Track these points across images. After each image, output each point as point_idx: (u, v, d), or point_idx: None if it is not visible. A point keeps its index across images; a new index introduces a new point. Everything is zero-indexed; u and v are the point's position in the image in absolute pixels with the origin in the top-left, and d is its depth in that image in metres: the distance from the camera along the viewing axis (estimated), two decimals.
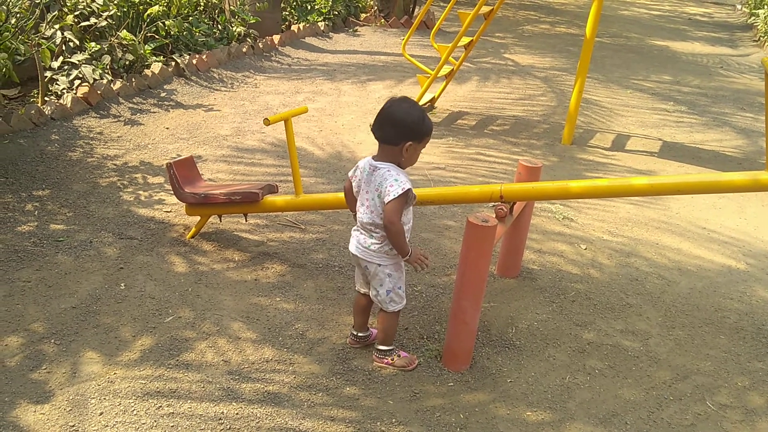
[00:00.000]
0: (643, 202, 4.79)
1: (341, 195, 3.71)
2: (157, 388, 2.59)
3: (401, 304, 2.75)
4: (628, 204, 4.72)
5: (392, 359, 2.82)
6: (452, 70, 6.59)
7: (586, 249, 4.01)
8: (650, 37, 12.01)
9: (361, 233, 2.67)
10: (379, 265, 2.66)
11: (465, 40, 6.25)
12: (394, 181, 2.49)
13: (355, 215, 2.74)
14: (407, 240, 2.59)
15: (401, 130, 2.51)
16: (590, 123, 6.60)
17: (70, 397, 2.50)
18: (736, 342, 3.22)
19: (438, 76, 6.13)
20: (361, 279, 2.82)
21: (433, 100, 6.68)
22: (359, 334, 2.92)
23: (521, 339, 3.09)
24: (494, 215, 2.81)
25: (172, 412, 2.47)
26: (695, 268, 3.92)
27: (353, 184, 2.70)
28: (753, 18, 13.69)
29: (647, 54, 10.43)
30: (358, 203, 2.67)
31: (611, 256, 3.95)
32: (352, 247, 2.71)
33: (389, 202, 2.48)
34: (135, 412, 2.45)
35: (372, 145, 5.47)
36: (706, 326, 3.34)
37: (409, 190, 2.50)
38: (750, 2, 14.71)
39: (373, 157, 2.61)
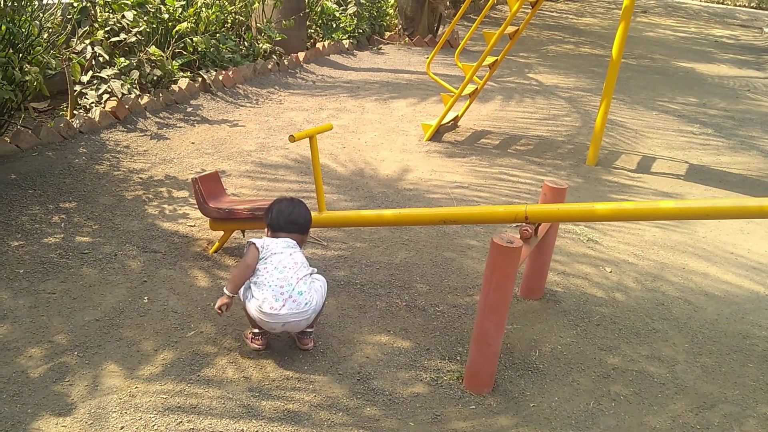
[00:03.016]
0: (669, 225, 4.72)
1: (363, 212, 3.71)
2: (178, 403, 2.58)
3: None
4: (654, 227, 4.66)
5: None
6: (476, 89, 6.59)
7: (611, 272, 3.96)
8: (676, 58, 11.94)
9: (292, 300, 2.79)
10: (318, 312, 2.93)
11: (490, 59, 6.25)
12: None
13: (235, 293, 2.87)
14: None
15: (306, 225, 3.11)
16: (615, 144, 6.55)
17: (92, 410, 2.51)
18: (765, 370, 3.15)
19: (462, 94, 6.13)
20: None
21: (456, 119, 6.68)
22: (264, 331, 2.96)
23: (545, 362, 3.05)
24: (519, 236, 2.78)
25: (193, 428, 2.46)
26: (722, 294, 3.85)
27: (261, 252, 2.90)
28: None
29: (673, 76, 10.36)
30: (276, 265, 2.83)
31: (637, 280, 3.90)
32: (290, 317, 2.79)
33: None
34: (155, 427, 2.45)
35: (394, 162, 5.47)
36: (733, 353, 3.27)
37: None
38: None
39: None
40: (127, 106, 5.71)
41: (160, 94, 6.13)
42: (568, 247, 4.22)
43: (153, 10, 6.45)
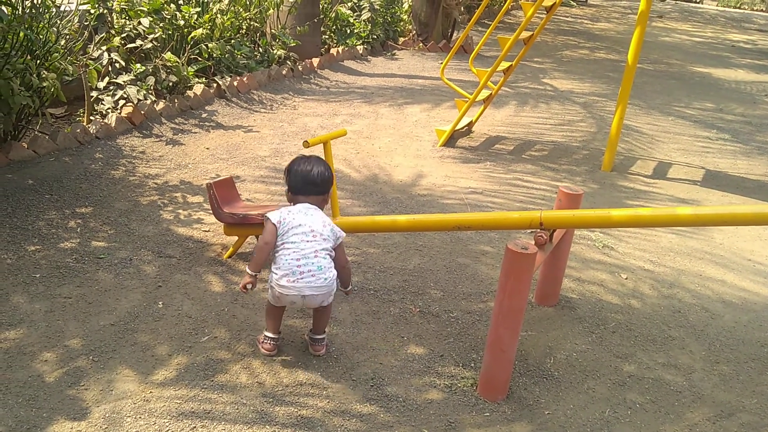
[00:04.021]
0: (685, 231, 4.68)
1: (377, 218, 3.71)
2: (192, 408, 2.59)
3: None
4: (670, 233, 4.62)
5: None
6: (490, 94, 6.57)
7: (626, 278, 3.93)
8: (692, 63, 11.85)
9: (308, 271, 2.77)
10: (332, 294, 2.87)
11: (504, 64, 6.24)
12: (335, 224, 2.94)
13: (258, 272, 2.87)
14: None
15: (327, 184, 3.01)
16: (631, 150, 6.51)
17: (106, 415, 2.52)
18: None
19: (476, 100, 6.12)
20: (293, 307, 3.06)
21: (470, 125, 6.67)
22: (276, 337, 2.97)
23: (559, 370, 3.02)
24: (534, 242, 2.77)
25: None
26: (740, 301, 3.81)
27: (279, 228, 2.84)
28: None
29: (689, 81, 10.29)
30: (293, 238, 2.80)
31: (653, 287, 3.86)
32: (307, 290, 2.78)
33: (341, 243, 2.93)
34: None
35: (408, 168, 5.47)
36: (751, 362, 3.23)
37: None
38: None
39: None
40: (142, 112, 5.75)
41: (176, 100, 6.17)
42: (583, 253, 4.19)
43: (169, 17, 6.51)
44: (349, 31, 10.19)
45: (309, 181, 2.93)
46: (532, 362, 3.06)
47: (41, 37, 4.80)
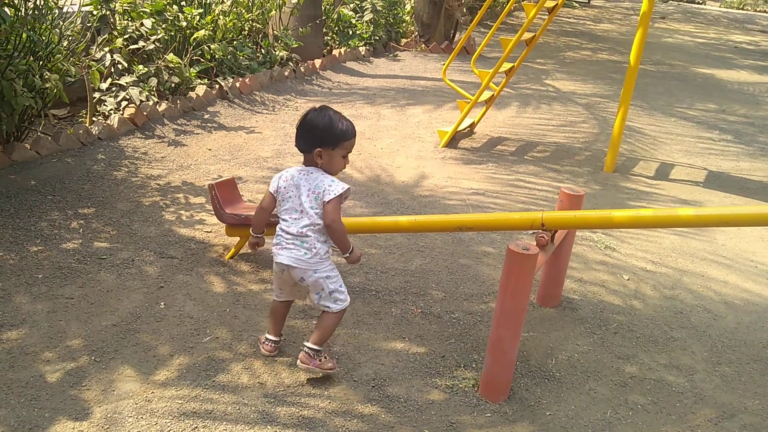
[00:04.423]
0: (687, 232, 4.68)
1: (379, 219, 3.71)
2: (194, 408, 2.59)
3: (346, 301, 2.78)
4: (672, 234, 4.61)
5: (320, 360, 2.77)
6: (493, 95, 6.57)
7: (628, 279, 3.92)
8: (695, 64, 11.84)
9: (292, 245, 2.68)
10: (315, 271, 2.68)
11: (506, 66, 6.24)
12: (331, 182, 2.64)
13: (259, 233, 2.88)
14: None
15: (309, 138, 2.67)
16: (633, 151, 6.50)
17: (108, 415, 2.52)
18: None
19: (478, 101, 6.12)
20: (287, 288, 2.85)
21: (473, 125, 6.67)
22: (277, 339, 2.95)
23: (561, 371, 3.02)
24: (535, 243, 2.77)
25: None
26: (742, 302, 3.80)
27: (276, 197, 2.74)
28: None
29: (691, 82, 10.28)
30: (285, 215, 2.71)
31: (655, 288, 3.86)
32: (285, 259, 2.70)
33: (330, 201, 2.62)
34: None
35: (410, 169, 5.47)
36: (754, 363, 3.23)
37: (348, 189, 2.64)
38: None
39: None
40: (145, 113, 5.76)
41: (178, 101, 6.18)
42: (585, 254, 4.19)
43: (171, 18, 6.52)
44: (351, 33, 10.20)
45: (298, 136, 2.73)
46: (534, 363, 3.05)
47: (44, 38, 4.81)
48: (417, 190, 5.05)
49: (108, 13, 6.14)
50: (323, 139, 2.66)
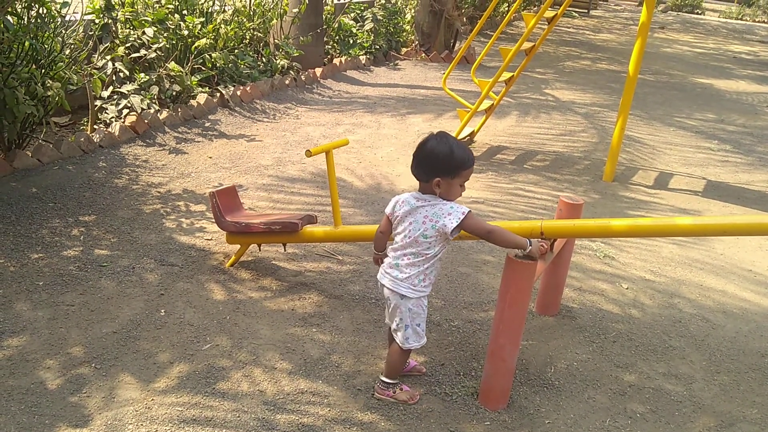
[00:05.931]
0: (686, 242, 4.69)
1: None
2: (194, 415, 2.60)
3: (418, 343, 2.70)
4: (671, 243, 4.62)
5: (394, 392, 2.77)
6: (492, 104, 6.60)
7: (627, 288, 3.93)
8: (693, 74, 11.89)
9: (391, 262, 2.67)
10: (402, 296, 2.63)
11: (506, 75, 6.27)
12: (450, 208, 2.53)
13: (380, 251, 2.84)
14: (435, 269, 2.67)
15: (428, 167, 2.55)
16: (632, 160, 6.52)
17: (108, 422, 2.53)
18: None
19: (478, 110, 6.14)
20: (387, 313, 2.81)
21: (472, 134, 6.69)
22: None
23: (560, 379, 3.03)
24: None
25: None
26: (741, 312, 3.81)
27: (392, 221, 2.69)
28: None
29: (690, 92, 10.32)
30: (396, 237, 2.67)
31: (653, 297, 3.87)
32: (380, 275, 2.71)
33: (458, 225, 2.50)
34: None
35: (410, 177, 5.47)
36: (752, 372, 3.23)
37: (469, 212, 2.52)
38: None
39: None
40: (146, 121, 5.78)
41: (179, 109, 6.21)
42: (584, 263, 4.20)
43: (173, 27, 6.56)
44: (352, 41, 10.25)
45: (413, 165, 2.63)
46: (533, 371, 3.06)
47: (46, 46, 4.84)
48: None
49: (110, 21, 6.18)
50: (443, 169, 2.52)
